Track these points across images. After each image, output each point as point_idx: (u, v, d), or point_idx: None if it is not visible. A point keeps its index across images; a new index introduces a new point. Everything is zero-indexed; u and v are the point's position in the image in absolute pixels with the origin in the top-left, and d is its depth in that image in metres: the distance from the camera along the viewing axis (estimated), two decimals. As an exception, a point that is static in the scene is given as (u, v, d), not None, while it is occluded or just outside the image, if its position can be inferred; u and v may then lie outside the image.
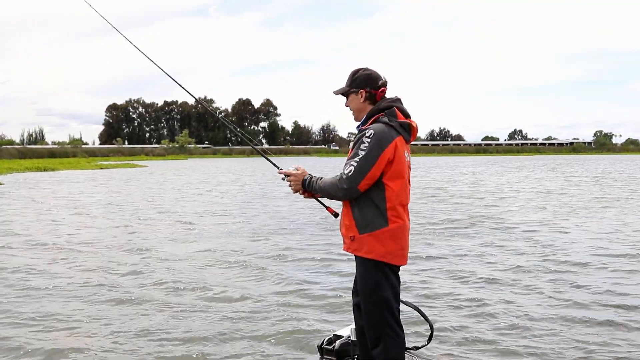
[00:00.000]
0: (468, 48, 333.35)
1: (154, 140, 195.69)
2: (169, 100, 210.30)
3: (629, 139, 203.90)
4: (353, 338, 5.27)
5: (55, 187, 33.33)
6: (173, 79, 5.96)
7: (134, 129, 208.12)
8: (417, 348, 5.54)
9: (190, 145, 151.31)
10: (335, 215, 5.00)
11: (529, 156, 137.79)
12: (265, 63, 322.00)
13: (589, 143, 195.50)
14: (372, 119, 4.69)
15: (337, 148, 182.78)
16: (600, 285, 9.27)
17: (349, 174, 4.48)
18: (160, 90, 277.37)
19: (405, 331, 4.85)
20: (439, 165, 71.47)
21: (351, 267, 8.89)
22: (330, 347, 5.49)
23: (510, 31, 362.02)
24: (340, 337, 5.55)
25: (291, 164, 5.30)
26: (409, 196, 4.75)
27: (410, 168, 4.80)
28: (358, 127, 4.82)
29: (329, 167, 62.94)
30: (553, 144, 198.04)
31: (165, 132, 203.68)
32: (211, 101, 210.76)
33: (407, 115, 4.75)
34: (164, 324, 7.46)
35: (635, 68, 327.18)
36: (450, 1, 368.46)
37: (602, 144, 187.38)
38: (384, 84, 4.77)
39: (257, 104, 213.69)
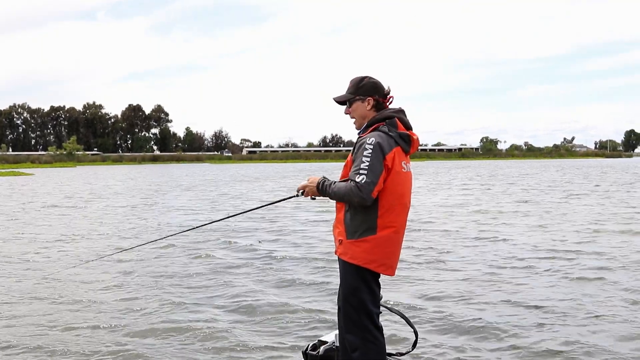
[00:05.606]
0: (358, 55, 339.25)
1: (40, 147, 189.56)
2: (55, 105, 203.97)
3: (513, 144, 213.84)
4: (337, 344, 5.17)
5: None
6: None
7: (19, 136, 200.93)
8: (401, 354, 5.50)
9: (78, 152, 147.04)
10: None
11: (420, 162, 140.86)
12: (155, 69, 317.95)
13: (476, 149, 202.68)
14: (372, 127, 4.69)
15: (230, 154, 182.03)
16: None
17: (363, 183, 4.41)
18: (46, 96, 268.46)
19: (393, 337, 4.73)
20: (332, 172, 71.73)
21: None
22: (314, 352, 5.37)
23: (397, 39, 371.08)
24: (324, 342, 5.44)
25: (186, 170, 5.05)
26: (408, 207, 4.75)
27: (411, 179, 4.82)
28: (359, 134, 4.82)
29: (224, 174, 62.23)
30: (442, 149, 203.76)
31: (52, 139, 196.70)
32: (100, 107, 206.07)
33: (408, 127, 4.77)
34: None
35: (517, 76, 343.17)
36: (341, 9, 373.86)
37: (489, 149, 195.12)
38: (389, 92, 4.81)
39: (147, 110, 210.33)
